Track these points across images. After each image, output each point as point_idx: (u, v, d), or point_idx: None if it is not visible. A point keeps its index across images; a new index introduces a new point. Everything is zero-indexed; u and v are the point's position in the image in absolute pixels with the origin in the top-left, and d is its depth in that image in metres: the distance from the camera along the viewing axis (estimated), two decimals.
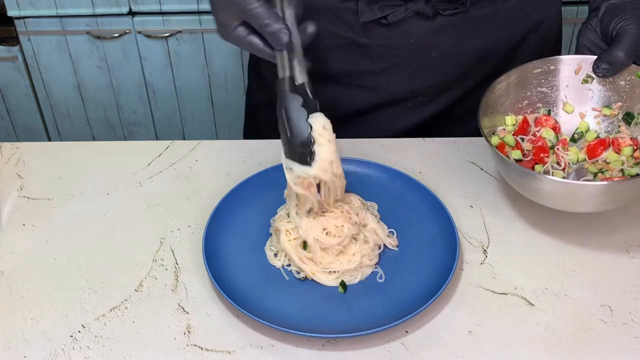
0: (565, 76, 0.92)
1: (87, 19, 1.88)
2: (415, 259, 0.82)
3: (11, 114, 2.08)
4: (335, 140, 0.78)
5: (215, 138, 2.12)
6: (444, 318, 0.77)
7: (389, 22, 0.94)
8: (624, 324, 0.76)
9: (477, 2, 0.94)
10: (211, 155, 1.01)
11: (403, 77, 0.99)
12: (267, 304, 0.77)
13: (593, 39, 0.88)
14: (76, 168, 0.99)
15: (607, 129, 0.91)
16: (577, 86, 0.92)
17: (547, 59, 0.91)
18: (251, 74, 1.15)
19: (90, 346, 0.74)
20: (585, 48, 0.90)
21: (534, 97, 0.92)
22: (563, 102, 0.93)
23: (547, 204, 0.83)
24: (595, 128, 0.92)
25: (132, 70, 1.98)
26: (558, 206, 0.83)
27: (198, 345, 0.74)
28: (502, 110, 0.91)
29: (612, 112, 0.90)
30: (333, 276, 0.80)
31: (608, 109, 0.91)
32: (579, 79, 0.91)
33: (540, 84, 0.92)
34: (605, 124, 0.91)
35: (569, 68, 0.91)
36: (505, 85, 0.90)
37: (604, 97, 0.91)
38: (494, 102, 0.89)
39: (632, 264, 0.83)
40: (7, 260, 0.85)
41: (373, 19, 0.94)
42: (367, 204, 0.87)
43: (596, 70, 0.87)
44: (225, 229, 0.86)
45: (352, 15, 0.95)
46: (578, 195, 0.80)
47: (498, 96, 0.89)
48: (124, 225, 0.90)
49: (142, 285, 0.81)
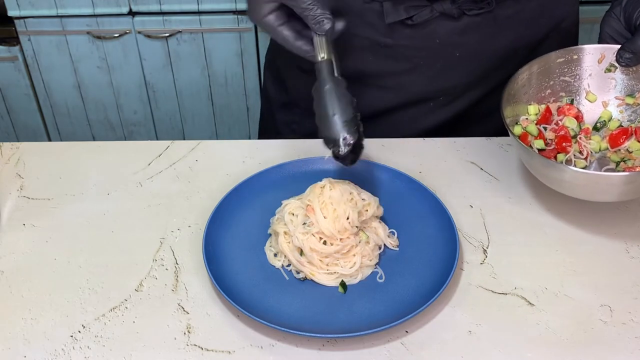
0: (588, 65, 0.91)
1: (87, 19, 1.88)
2: (415, 259, 0.82)
3: (11, 114, 2.08)
4: None
5: (215, 138, 2.12)
6: (444, 318, 0.77)
7: (414, 23, 0.94)
8: (624, 324, 0.76)
9: (502, 1, 0.94)
10: (211, 155, 1.01)
11: (426, 77, 1.00)
12: (267, 304, 0.77)
13: (617, 28, 0.88)
14: (76, 168, 0.99)
15: (629, 118, 0.91)
16: (600, 75, 0.91)
17: (570, 48, 0.91)
18: (267, 74, 1.15)
19: (90, 346, 0.74)
20: (609, 37, 0.89)
21: (557, 87, 0.92)
22: (586, 91, 0.93)
23: (569, 193, 0.83)
24: (618, 117, 0.91)
25: (132, 70, 1.98)
26: (580, 196, 0.83)
27: (198, 345, 0.74)
28: (524, 100, 0.91)
29: (635, 100, 0.90)
30: (333, 276, 0.80)
31: (631, 98, 0.91)
32: (602, 68, 0.91)
33: (563, 73, 0.92)
34: (628, 112, 0.91)
35: (592, 57, 0.91)
36: (527, 75, 0.90)
37: (627, 86, 0.91)
38: (517, 92, 0.89)
39: (632, 264, 0.83)
40: (7, 260, 0.85)
41: (398, 20, 0.94)
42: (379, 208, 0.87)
43: (619, 60, 0.87)
44: (225, 229, 0.86)
45: (377, 16, 0.95)
46: (600, 185, 0.80)
47: (521, 86, 0.89)
48: (124, 225, 0.90)
49: (142, 285, 0.81)
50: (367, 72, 1.00)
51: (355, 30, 0.96)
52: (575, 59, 0.91)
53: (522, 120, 0.91)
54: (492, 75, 1.01)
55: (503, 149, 1.00)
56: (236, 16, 1.88)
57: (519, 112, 0.91)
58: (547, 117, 0.91)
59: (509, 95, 0.88)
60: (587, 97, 0.93)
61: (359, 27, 0.96)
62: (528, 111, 0.91)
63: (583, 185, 0.81)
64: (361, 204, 0.82)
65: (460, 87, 1.01)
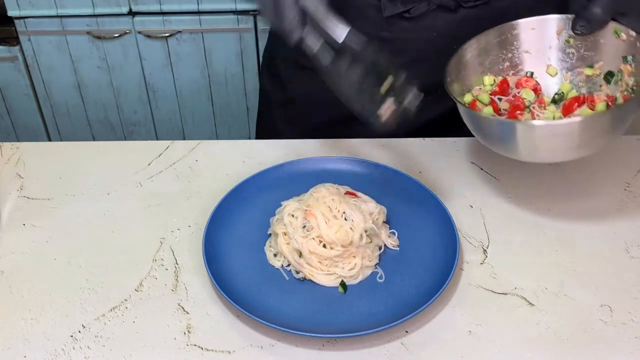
0: (548, 37, 0.90)
1: (87, 19, 1.88)
2: (415, 259, 0.82)
3: (11, 114, 2.08)
4: None
5: (215, 138, 2.12)
6: (444, 318, 0.77)
7: (412, 16, 0.95)
8: (624, 324, 0.76)
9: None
10: (211, 155, 1.01)
11: (425, 70, 0.99)
12: (267, 304, 0.77)
13: (582, 4, 0.87)
14: (76, 168, 0.99)
15: (589, 90, 0.90)
16: (560, 47, 0.90)
17: (528, 19, 0.90)
18: (264, 72, 1.16)
19: (90, 346, 0.74)
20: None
21: (516, 59, 0.91)
22: (547, 64, 0.92)
23: (513, 154, 0.81)
24: (578, 90, 0.90)
25: (132, 70, 1.98)
26: (524, 155, 0.80)
27: (198, 345, 0.74)
28: (480, 71, 0.90)
29: (594, 72, 0.89)
30: (332, 277, 0.80)
31: (590, 69, 0.89)
32: (561, 40, 0.90)
33: (520, 46, 0.91)
34: (589, 84, 0.90)
35: (551, 29, 0.90)
36: (484, 45, 0.89)
37: (586, 58, 0.89)
38: (471, 62, 0.88)
39: (632, 264, 0.83)
40: (7, 260, 0.85)
41: (396, 13, 0.94)
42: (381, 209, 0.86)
43: (574, 28, 0.86)
44: (225, 229, 0.86)
45: (374, 10, 0.96)
46: (534, 136, 0.77)
47: (475, 56, 0.89)
48: (124, 225, 0.90)
49: (142, 285, 0.81)
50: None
51: (353, 25, 0.96)
52: (533, 31, 0.90)
53: (475, 89, 0.89)
54: None
55: None
56: (236, 16, 1.88)
57: (472, 83, 0.89)
58: (505, 88, 0.89)
59: (457, 64, 0.86)
60: (547, 71, 0.91)
61: (357, 21, 0.96)
62: (483, 82, 0.90)
63: (520, 138, 0.77)
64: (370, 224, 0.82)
65: None
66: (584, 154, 0.80)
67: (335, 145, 1.02)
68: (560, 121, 0.78)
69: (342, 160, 0.96)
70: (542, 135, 0.77)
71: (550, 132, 0.76)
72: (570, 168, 0.97)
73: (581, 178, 0.95)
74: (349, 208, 0.81)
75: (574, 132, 0.76)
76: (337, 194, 0.83)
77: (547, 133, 0.76)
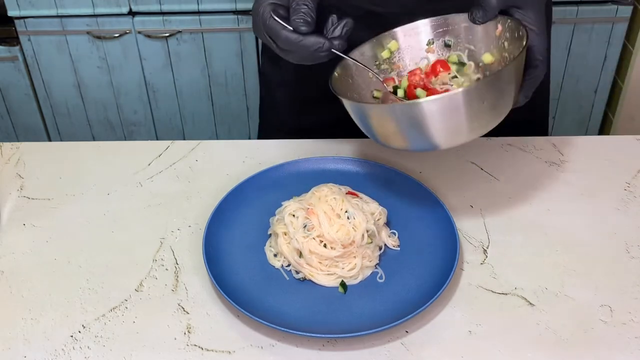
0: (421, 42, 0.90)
1: (87, 19, 1.89)
2: (415, 259, 0.82)
3: (11, 114, 2.08)
4: None
5: (215, 138, 2.12)
6: (444, 318, 0.77)
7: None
8: (624, 324, 0.76)
9: None
10: (211, 155, 1.01)
11: None
12: (267, 304, 0.77)
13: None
14: (76, 168, 0.99)
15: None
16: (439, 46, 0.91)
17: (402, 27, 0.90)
18: (264, 57, 1.17)
19: (90, 346, 0.74)
20: None
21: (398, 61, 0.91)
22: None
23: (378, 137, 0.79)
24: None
25: (132, 70, 1.98)
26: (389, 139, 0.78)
27: (198, 345, 0.74)
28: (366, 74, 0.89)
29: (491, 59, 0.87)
30: (332, 277, 0.80)
31: (490, 56, 0.87)
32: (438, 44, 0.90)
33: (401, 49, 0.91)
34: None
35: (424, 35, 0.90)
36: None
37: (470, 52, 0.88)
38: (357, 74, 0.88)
39: (632, 264, 0.83)
40: (7, 260, 0.85)
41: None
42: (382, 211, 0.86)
43: (470, 17, 0.86)
44: (225, 229, 0.86)
45: None
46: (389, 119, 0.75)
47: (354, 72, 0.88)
48: (124, 225, 0.90)
49: (142, 285, 0.81)
50: (362, 40, 1.02)
51: (350, 1, 0.99)
52: (408, 37, 0.90)
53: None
54: None
55: (503, 148, 1.00)
56: (236, 16, 1.88)
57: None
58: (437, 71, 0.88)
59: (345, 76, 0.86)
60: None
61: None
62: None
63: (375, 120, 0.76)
64: (372, 224, 0.82)
65: None
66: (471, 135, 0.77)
67: (335, 145, 1.02)
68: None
69: (342, 160, 0.96)
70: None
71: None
72: (570, 168, 0.97)
73: (581, 178, 0.95)
74: (351, 207, 0.81)
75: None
76: (339, 193, 0.83)
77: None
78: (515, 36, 0.82)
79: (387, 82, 0.89)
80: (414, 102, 0.72)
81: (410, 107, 0.73)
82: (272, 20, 0.81)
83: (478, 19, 0.86)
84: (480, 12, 0.85)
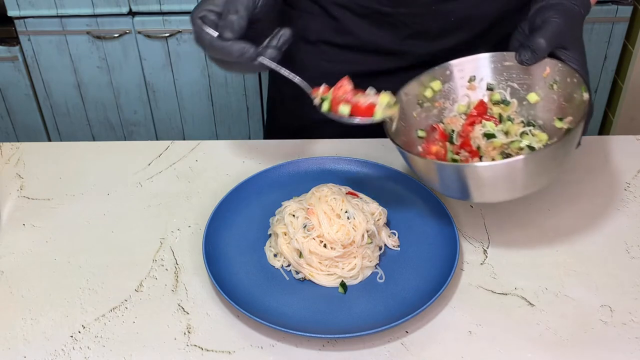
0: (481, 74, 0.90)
1: (87, 19, 1.88)
2: (415, 259, 0.82)
3: (11, 114, 2.08)
4: None
5: (215, 138, 2.12)
6: (444, 318, 0.77)
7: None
8: (624, 324, 0.76)
9: None
10: (211, 155, 1.01)
11: (425, 41, 1.04)
12: (267, 304, 0.77)
13: (520, 39, 0.88)
14: (76, 168, 0.99)
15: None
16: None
17: (461, 59, 0.90)
18: None
19: (90, 346, 0.74)
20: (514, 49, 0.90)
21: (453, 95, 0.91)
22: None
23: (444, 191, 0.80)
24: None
25: (132, 70, 1.98)
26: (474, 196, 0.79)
27: (198, 346, 0.74)
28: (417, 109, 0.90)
29: (562, 125, 0.85)
30: (332, 277, 0.80)
31: (560, 122, 0.85)
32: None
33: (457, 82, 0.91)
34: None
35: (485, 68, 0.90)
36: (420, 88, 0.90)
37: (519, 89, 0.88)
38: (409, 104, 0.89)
39: (632, 264, 0.83)
40: (7, 260, 0.85)
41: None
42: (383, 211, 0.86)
43: (518, 58, 0.86)
44: (225, 229, 0.86)
45: None
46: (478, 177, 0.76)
47: (413, 99, 0.89)
48: (124, 225, 0.90)
49: (142, 285, 0.81)
50: (370, 39, 1.04)
51: (360, 2, 1.01)
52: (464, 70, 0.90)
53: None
54: (486, 36, 1.04)
55: None
56: None
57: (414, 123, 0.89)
58: (483, 110, 0.89)
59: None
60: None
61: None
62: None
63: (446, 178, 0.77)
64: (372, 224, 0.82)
65: (456, 49, 1.04)
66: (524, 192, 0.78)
67: (336, 145, 1.02)
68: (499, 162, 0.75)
69: (342, 160, 0.96)
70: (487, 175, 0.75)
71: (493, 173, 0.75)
72: (570, 168, 0.97)
73: (581, 178, 0.95)
74: (352, 207, 0.81)
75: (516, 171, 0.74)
76: (339, 193, 0.83)
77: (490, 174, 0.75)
78: (567, 81, 0.83)
79: (431, 127, 0.90)
80: (472, 165, 0.75)
81: (468, 168, 0.75)
82: (198, 25, 0.81)
83: (526, 61, 0.85)
84: (529, 54, 0.85)
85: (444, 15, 1.01)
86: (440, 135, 0.88)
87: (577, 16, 0.85)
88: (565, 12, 0.84)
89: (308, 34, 1.07)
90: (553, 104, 0.86)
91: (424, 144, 0.87)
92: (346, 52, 1.06)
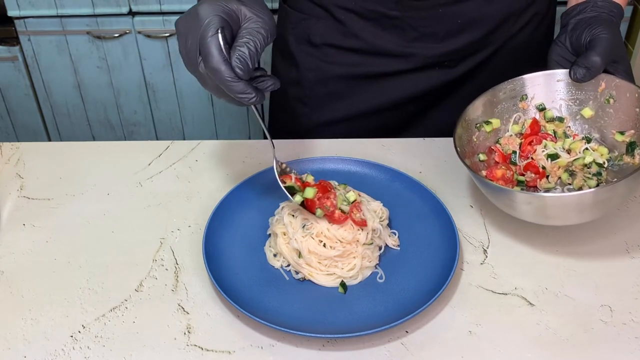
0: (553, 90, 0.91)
1: (87, 19, 1.89)
2: (415, 259, 0.82)
3: (11, 114, 2.08)
4: None
5: (215, 138, 2.12)
6: (444, 318, 0.77)
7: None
8: (624, 324, 0.76)
9: None
10: (211, 155, 1.01)
11: (431, 44, 1.04)
12: (267, 304, 0.77)
13: (562, 54, 0.90)
14: (76, 168, 0.99)
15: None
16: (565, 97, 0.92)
17: (534, 74, 0.91)
18: (275, 52, 1.18)
19: (90, 346, 0.74)
20: (556, 64, 0.91)
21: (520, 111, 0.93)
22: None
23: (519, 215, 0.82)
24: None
25: (132, 70, 1.98)
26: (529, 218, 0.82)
27: (198, 345, 0.74)
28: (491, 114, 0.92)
29: (624, 138, 0.87)
30: (332, 277, 0.80)
31: (621, 135, 0.88)
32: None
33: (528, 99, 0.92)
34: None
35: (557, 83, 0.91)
36: (488, 102, 0.91)
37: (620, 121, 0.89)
38: (484, 113, 0.91)
39: (632, 264, 0.83)
40: (7, 260, 0.85)
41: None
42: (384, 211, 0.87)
43: (574, 76, 0.87)
44: (225, 229, 0.86)
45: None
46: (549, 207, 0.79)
47: (480, 114, 0.91)
48: (124, 225, 0.90)
49: (142, 285, 0.81)
50: (376, 42, 1.05)
51: (365, 5, 1.02)
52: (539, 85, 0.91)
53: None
54: (491, 38, 1.05)
55: None
56: None
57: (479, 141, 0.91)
58: (536, 129, 0.91)
59: (466, 118, 0.88)
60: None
61: (370, 3, 1.02)
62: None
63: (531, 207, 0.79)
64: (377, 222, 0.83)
65: (462, 51, 1.06)
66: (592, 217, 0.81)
67: (335, 145, 1.02)
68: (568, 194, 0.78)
69: (342, 160, 0.96)
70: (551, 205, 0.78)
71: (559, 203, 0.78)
72: None
73: None
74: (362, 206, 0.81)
75: (584, 202, 0.77)
76: None
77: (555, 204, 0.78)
78: (627, 96, 0.85)
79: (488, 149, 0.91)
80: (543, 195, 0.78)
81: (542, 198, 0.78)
82: (216, 38, 0.71)
83: (581, 78, 0.86)
84: (583, 71, 0.86)
85: (451, 18, 1.01)
86: (500, 157, 0.90)
87: (617, 27, 0.87)
88: (609, 26, 0.86)
89: (312, 37, 1.07)
90: (609, 118, 0.88)
91: (487, 169, 0.88)
92: (351, 54, 1.06)
